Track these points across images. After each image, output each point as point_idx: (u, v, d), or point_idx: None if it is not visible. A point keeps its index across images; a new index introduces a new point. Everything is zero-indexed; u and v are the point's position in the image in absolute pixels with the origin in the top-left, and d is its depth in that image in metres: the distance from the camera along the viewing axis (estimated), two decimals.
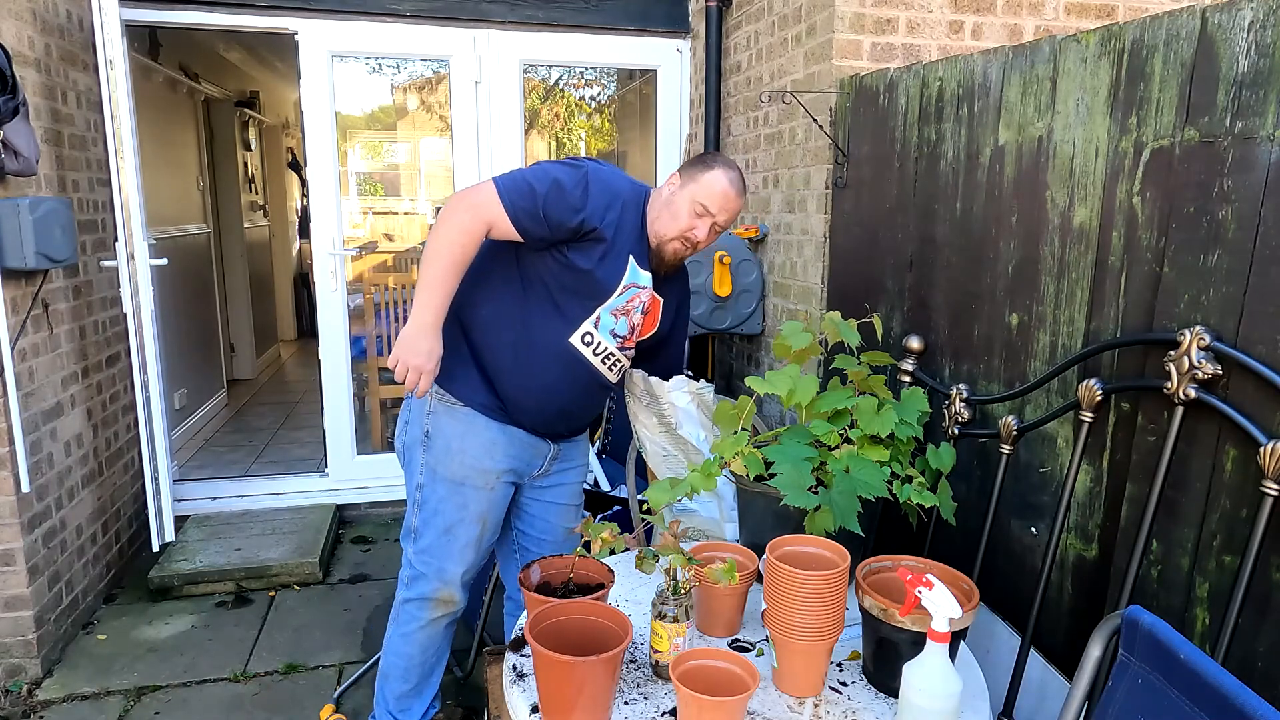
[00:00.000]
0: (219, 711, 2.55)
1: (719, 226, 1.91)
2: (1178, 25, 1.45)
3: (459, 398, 1.96)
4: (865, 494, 1.63)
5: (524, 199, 1.78)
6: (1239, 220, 1.34)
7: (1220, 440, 1.38)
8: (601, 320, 1.91)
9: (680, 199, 1.88)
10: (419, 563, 2.04)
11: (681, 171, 1.92)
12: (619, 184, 1.90)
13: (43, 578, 2.71)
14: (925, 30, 2.66)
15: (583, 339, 1.92)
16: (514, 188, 1.80)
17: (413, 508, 2.04)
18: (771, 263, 3.18)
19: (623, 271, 1.89)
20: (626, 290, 1.91)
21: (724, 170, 1.89)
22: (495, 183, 1.82)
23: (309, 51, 3.58)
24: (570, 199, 1.80)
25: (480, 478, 1.98)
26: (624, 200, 1.88)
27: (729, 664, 1.30)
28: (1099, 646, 1.17)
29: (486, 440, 1.97)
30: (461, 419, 1.96)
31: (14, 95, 2.42)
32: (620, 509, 2.84)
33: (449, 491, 1.98)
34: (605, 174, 1.88)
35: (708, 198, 1.87)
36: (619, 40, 3.93)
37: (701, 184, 1.87)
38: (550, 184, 1.79)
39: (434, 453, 1.98)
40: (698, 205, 1.87)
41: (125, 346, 3.37)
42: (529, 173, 1.83)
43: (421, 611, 2.07)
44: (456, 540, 2.01)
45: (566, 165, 1.86)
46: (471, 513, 2.00)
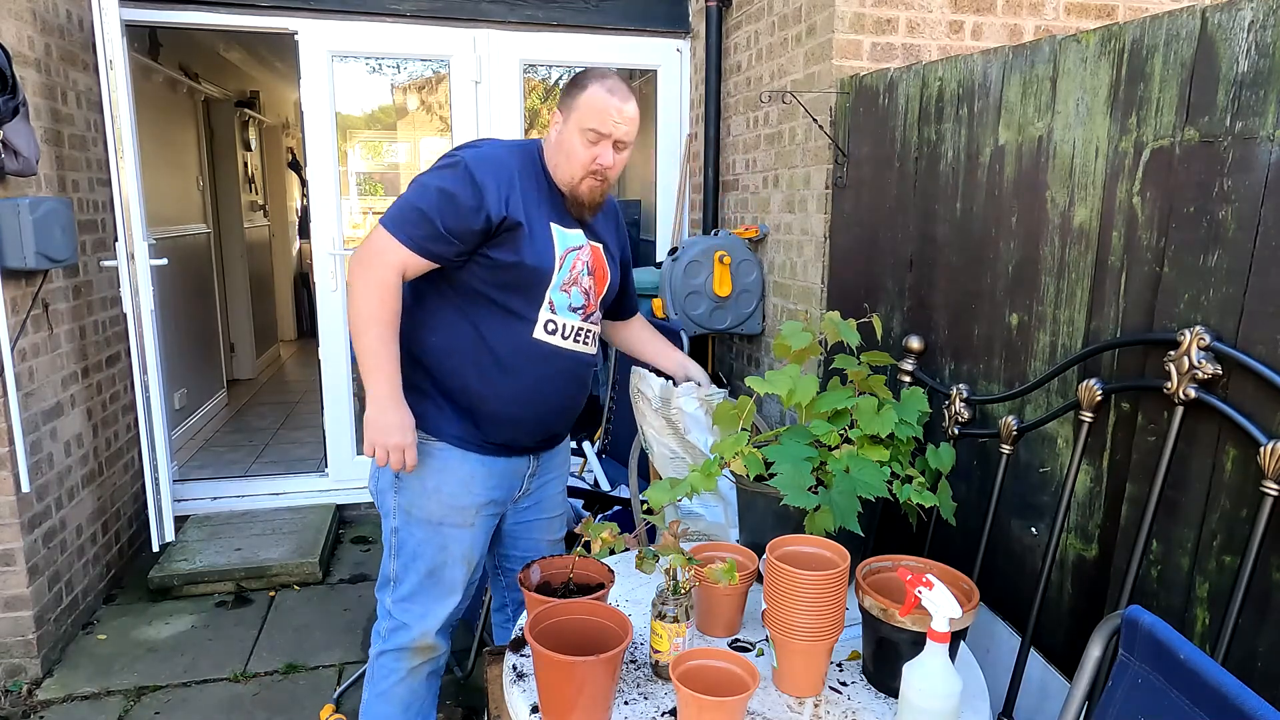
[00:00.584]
0: (219, 711, 2.55)
1: (621, 144, 1.76)
2: (1178, 25, 1.44)
3: (430, 433, 1.82)
4: (865, 494, 1.63)
5: (419, 227, 1.67)
6: (1239, 220, 1.34)
7: (1220, 440, 1.38)
8: (555, 302, 1.80)
9: (568, 135, 1.74)
10: (399, 612, 1.88)
11: (559, 108, 1.76)
12: (503, 157, 1.75)
13: (43, 578, 2.71)
14: (925, 30, 2.66)
15: (546, 329, 1.81)
16: (405, 220, 1.68)
17: (389, 555, 1.88)
18: (771, 263, 3.18)
19: (551, 245, 1.77)
20: (565, 259, 1.79)
21: (598, 83, 1.72)
22: (384, 225, 1.70)
23: (309, 51, 3.58)
24: (464, 203, 1.67)
25: (459, 515, 1.84)
26: (515, 169, 1.75)
27: (729, 664, 1.30)
28: (1099, 646, 1.17)
29: (464, 475, 1.83)
30: (435, 455, 1.82)
31: (14, 95, 2.43)
32: (620, 509, 2.84)
33: (427, 534, 1.84)
34: (485, 154, 1.74)
35: (594, 120, 1.71)
36: (619, 40, 3.93)
37: (581, 108, 1.71)
38: (437, 197, 1.67)
39: (408, 494, 1.84)
40: (588, 133, 1.71)
41: (125, 346, 3.37)
42: (411, 196, 1.71)
43: (399, 663, 1.90)
44: (440, 584, 1.87)
45: (444, 168, 1.72)
46: (454, 554, 1.86)
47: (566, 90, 1.76)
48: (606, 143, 1.74)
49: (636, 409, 2.20)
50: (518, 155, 1.78)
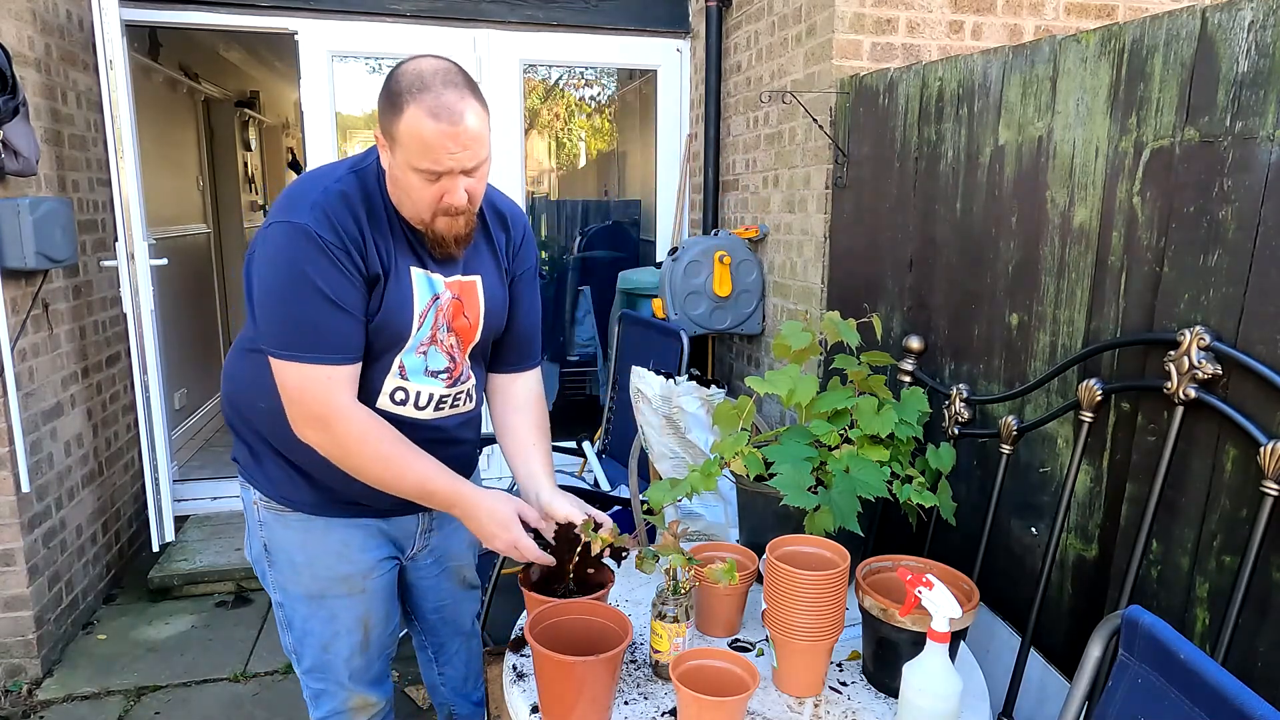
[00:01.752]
0: (219, 711, 2.55)
1: (470, 169, 1.35)
2: (1178, 25, 1.44)
3: (284, 502, 1.54)
4: (865, 494, 1.63)
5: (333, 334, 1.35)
6: (1239, 220, 1.33)
7: (1220, 440, 1.38)
8: (406, 366, 1.47)
9: (399, 170, 1.35)
10: (313, 681, 1.66)
11: (380, 129, 1.35)
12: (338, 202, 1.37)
13: (43, 578, 2.71)
14: (925, 30, 2.66)
15: (394, 398, 1.48)
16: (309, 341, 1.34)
17: (282, 627, 1.65)
18: (771, 263, 3.18)
19: (410, 296, 1.43)
20: (427, 315, 1.46)
21: (416, 104, 1.28)
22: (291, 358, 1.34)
23: (309, 51, 3.58)
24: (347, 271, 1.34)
25: (343, 585, 1.57)
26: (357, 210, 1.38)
27: (729, 664, 1.30)
28: (1099, 646, 1.17)
29: (336, 544, 1.55)
30: (296, 527, 1.55)
31: (14, 95, 2.43)
32: (621, 509, 2.84)
33: (312, 609, 1.59)
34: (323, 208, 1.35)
35: (423, 158, 1.31)
36: (619, 40, 3.93)
37: (405, 143, 1.31)
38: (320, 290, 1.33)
39: (280, 569, 1.59)
40: (422, 171, 1.32)
41: (125, 346, 3.37)
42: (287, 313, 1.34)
43: None
44: (339, 654, 1.62)
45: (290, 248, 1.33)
46: (344, 623, 1.60)
47: (382, 108, 1.33)
48: (451, 177, 1.34)
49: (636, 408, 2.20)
50: (355, 188, 1.40)
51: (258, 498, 1.57)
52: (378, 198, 1.42)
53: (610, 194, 5.83)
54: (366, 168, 1.44)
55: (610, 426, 3.45)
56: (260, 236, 1.39)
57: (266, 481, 1.55)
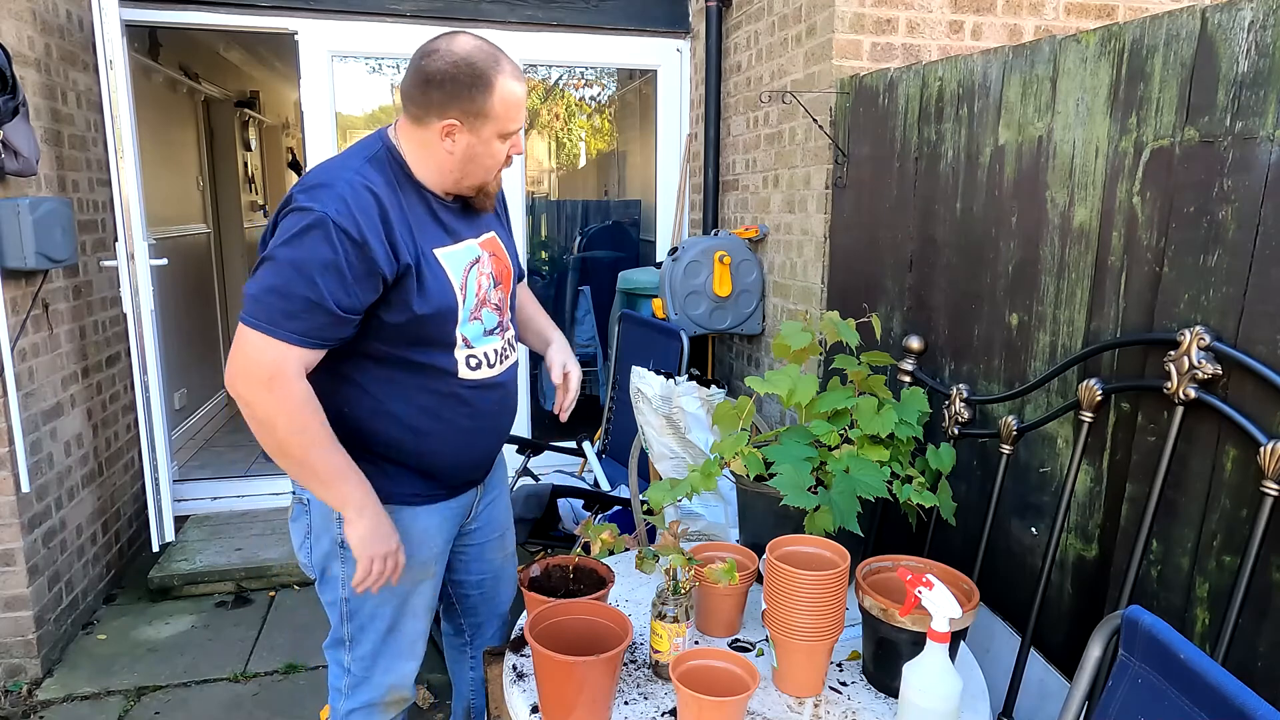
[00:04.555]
0: (219, 711, 2.55)
1: None
2: (1178, 25, 1.45)
3: (382, 497, 1.56)
4: (865, 494, 1.63)
5: (311, 319, 1.36)
6: (1239, 220, 1.34)
7: (1220, 440, 1.38)
8: (468, 336, 1.56)
9: (481, 144, 1.46)
10: (360, 669, 1.68)
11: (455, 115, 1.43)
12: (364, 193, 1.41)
13: (43, 578, 2.71)
14: (925, 30, 2.66)
15: (469, 365, 1.57)
16: (287, 317, 1.35)
17: (341, 619, 1.67)
18: (771, 263, 3.18)
19: (445, 277, 1.50)
20: (467, 282, 1.53)
21: (502, 75, 1.43)
22: (259, 327, 1.35)
23: (309, 51, 3.58)
24: (353, 271, 1.37)
25: (420, 570, 1.66)
26: (384, 201, 1.43)
27: (729, 664, 1.30)
28: (1099, 646, 1.17)
29: (419, 531, 1.64)
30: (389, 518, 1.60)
31: (14, 95, 2.43)
32: (620, 509, 2.84)
33: (385, 596, 1.63)
34: (345, 198, 1.39)
35: (514, 119, 1.47)
36: (619, 40, 3.93)
37: (498, 114, 1.44)
38: (319, 277, 1.35)
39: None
40: (506, 133, 1.48)
41: (125, 346, 3.37)
42: (281, 283, 1.36)
43: (372, 718, 1.71)
44: (404, 637, 1.68)
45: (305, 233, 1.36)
46: (414, 607, 1.68)
47: (465, 93, 1.42)
48: (518, 132, 1.51)
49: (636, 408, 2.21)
50: (379, 179, 1.45)
51: None
52: (395, 186, 1.47)
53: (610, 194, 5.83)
54: (378, 156, 1.48)
55: (610, 426, 3.45)
56: (281, 214, 1.42)
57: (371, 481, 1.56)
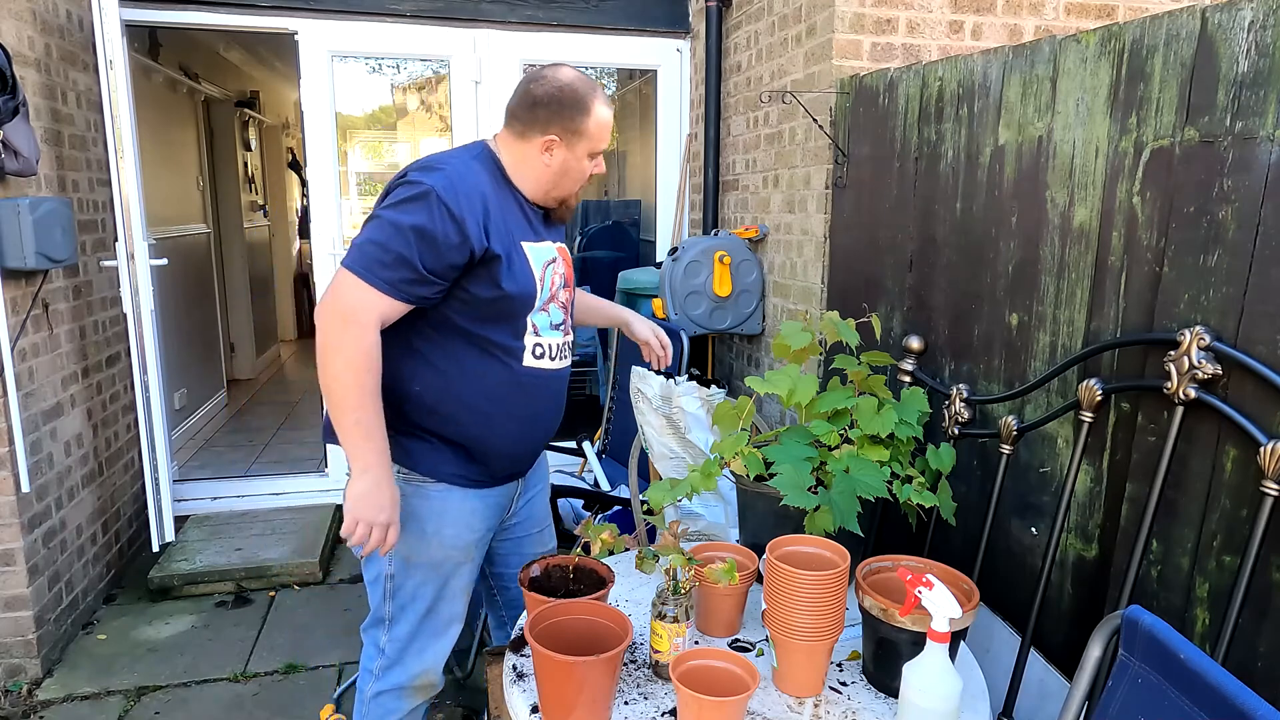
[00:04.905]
0: (219, 711, 2.55)
1: None
2: (1178, 25, 1.45)
3: (428, 474, 1.70)
4: (865, 494, 1.63)
5: (397, 270, 1.50)
6: (1239, 220, 1.34)
7: (1220, 440, 1.38)
8: (537, 324, 1.70)
9: (574, 159, 1.67)
10: (393, 651, 1.78)
11: (555, 131, 1.63)
12: (472, 180, 1.60)
13: (43, 578, 2.71)
14: (925, 30, 2.66)
15: (535, 354, 1.70)
16: (379, 265, 1.51)
17: (383, 598, 1.76)
18: (771, 263, 3.18)
19: (529, 268, 1.66)
20: (544, 279, 1.69)
21: (595, 99, 1.65)
22: (354, 271, 1.51)
23: (309, 51, 3.58)
24: (445, 240, 1.51)
25: (460, 554, 1.75)
26: (488, 192, 1.61)
27: (729, 664, 1.30)
28: (1099, 646, 1.17)
29: (465, 513, 1.73)
30: (434, 498, 1.71)
31: (14, 95, 2.43)
32: (620, 509, 2.84)
33: (427, 575, 1.74)
34: (454, 179, 1.56)
35: (603, 140, 1.68)
36: (619, 40, 3.93)
37: (592, 134, 1.66)
38: (413, 237, 1.50)
39: (407, 540, 1.70)
40: (595, 154, 1.70)
41: (125, 346, 3.37)
42: (381, 237, 1.52)
43: (399, 702, 1.80)
44: (438, 621, 1.78)
45: (411, 201, 1.52)
46: (453, 589, 1.78)
47: (564, 114, 1.63)
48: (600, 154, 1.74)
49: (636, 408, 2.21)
50: (484, 174, 1.64)
51: (396, 470, 1.65)
52: (499, 180, 1.67)
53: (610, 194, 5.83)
54: (483, 156, 1.68)
55: (610, 426, 3.45)
56: (394, 185, 1.58)
57: (411, 455, 1.69)
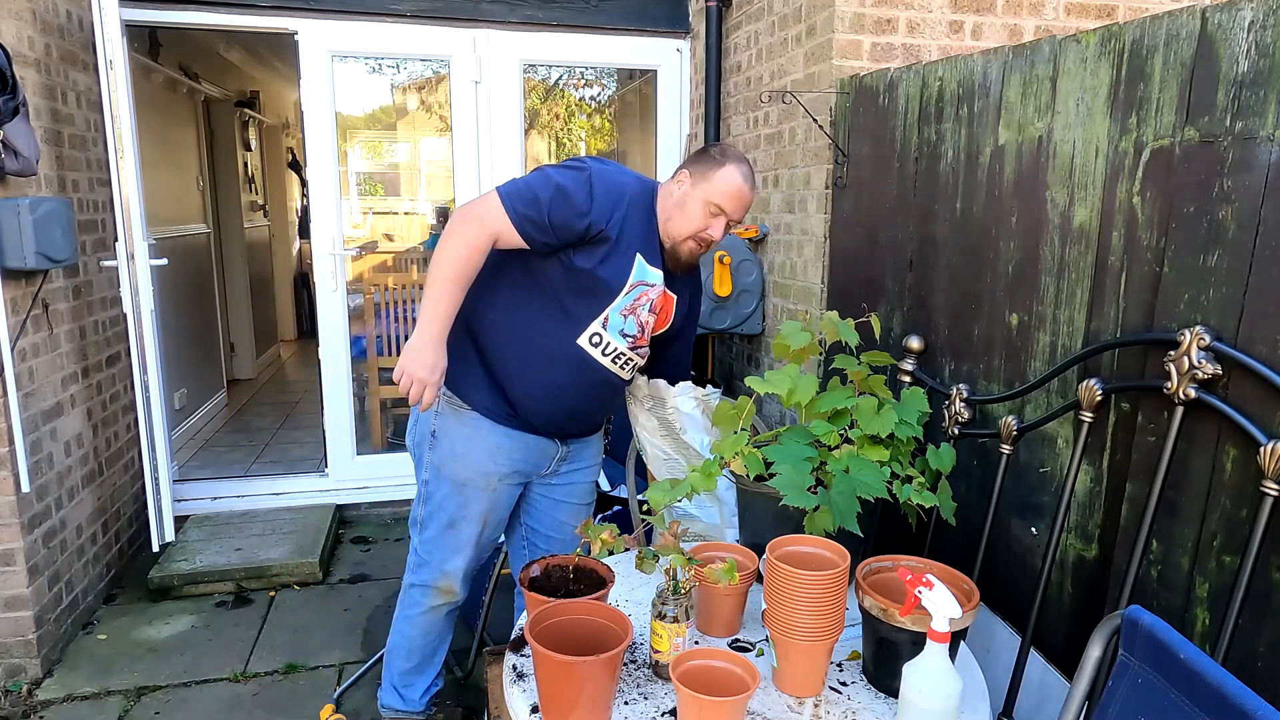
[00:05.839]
0: (219, 711, 2.55)
1: (733, 222, 1.90)
2: (1178, 25, 1.45)
3: (466, 401, 1.97)
4: (865, 494, 1.63)
5: (529, 208, 1.77)
6: (1239, 220, 1.34)
7: (1220, 440, 1.38)
8: (610, 320, 1.89)
9: (693, 199, 1.86)
10: (423, 551, 2.11)
11: (690, 169, 1.89)
12: (624, 181, 1.87)
13: (43, 578, 2.71)
14: (925, 30, 2.66)
15: (590, 340, 1.90)
16: (518, 197, 1.78)
17: (419, 501, 2.09)
18: (771, 263, 3.18)
19: (629, 270, 1.87)
20: (634, 289, 1.88)
21: (736, 166, 1.85)
22: (499, 193, 1.80)
23: (309, 51, 3.58)
24: (575, 204, 1.78)
25: (482, 480, 2.01)
26: (630, 197, 1.85)
27: (729, 664, 1.30)
28: (1099, 646, 1.17)
29: (491, 444, 1.98)
30: (467, 423, 1.98)
31: (14, 95, 2.42)
32: (620, 509, 2.84)
33: (452, 490, 2.02)
34: (610, 174, 1.85)
35: (723, 198, 1.84)
36: (619, 40, 3.93)
37: (715, 183, 1.84)
38: (554, 191, 1.77)
39: (439, 453, 2.01)
40: (712, 205, 1.84)
41: (125, 346, 3.37)
42: (532, 179, 1.81)
43: (424, 598, 2.14)
44: (458, 535, 2.06)
45: (569, 169, 1.83)
46: (473, 512, 2.04)
47: (703, 158, 1.88)
48: (722, 219, 1.86)
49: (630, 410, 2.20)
50: (637, 186, 1.89)
51: (444, 392, 1.96)
52: (648, 203, 1.90)
53: None
54: (650, 183, 1.95)
55: (609, 427, 3.45)
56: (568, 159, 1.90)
57: (459, 380, 1.95)
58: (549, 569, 1.60)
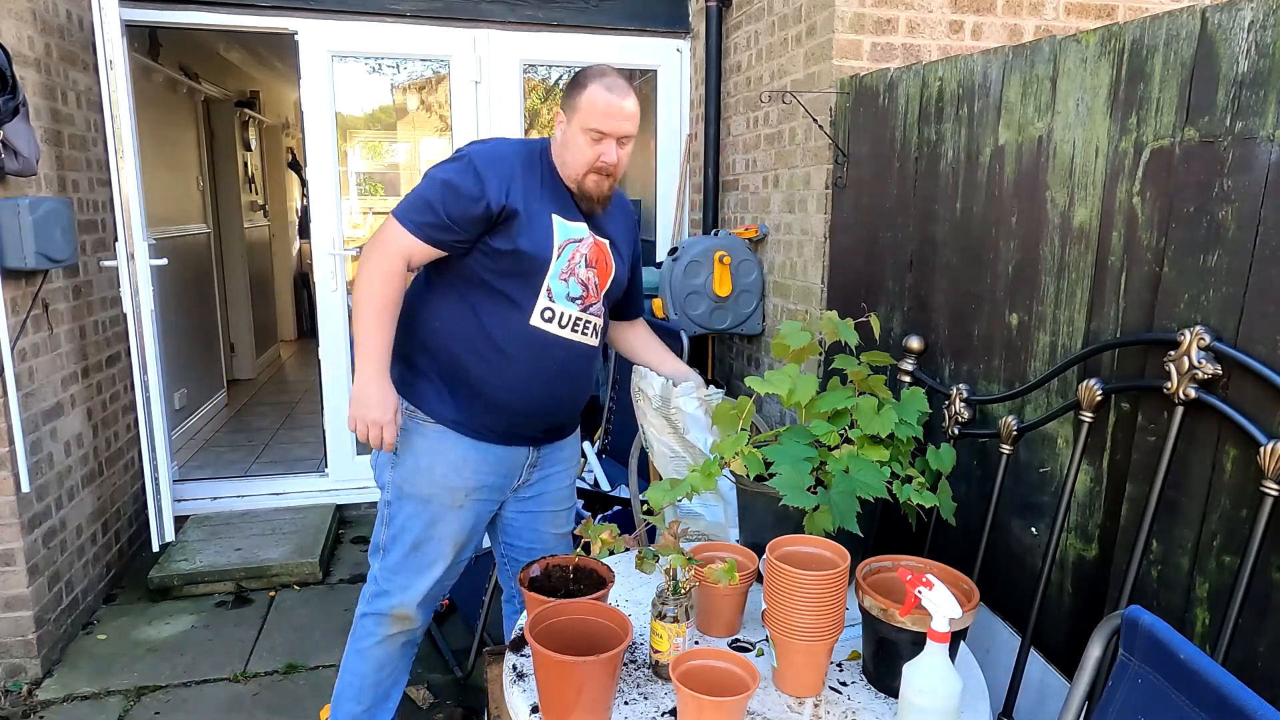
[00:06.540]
0: (219, 711, 2.55)
1: (624, 140, 1.83)
2: (1178, 25, 1.45)
3: (428, 414, 1.90)
4: (865, 494, 1.63)
5: (424, 215, 1.76)
6: (1239, 220, 1.34)
7: (1220, 440, 1.38)
8: (553, 290, 1.85)
9: (572, 134, 1.81)
10: (383, 579, 1.99)
11: (562, 108, 1.84)
12: (506, 151, 1.84)
13: (43, 578, 2.71)
14: (925, 30, 2.66)
15: (543, 316, 1.86)
16: (412, 210, 1.78)
17: (381, 523, 1.99)
18: (771, 263, 3.18)
19: (550, 234, 1.84)
20: (564, 250, 1.85)
21: (596, 83, 1.78)
22: (394, 215, 1.79)
23: (309, 51, 3.58)
24: (466, 192, 1.76)
25: (449, 495, 1.92)
26: (520, 163, 1.83)
27: (729, 664, 1.30)
28: (1099, 646, 1.17)
29: (456, 457, 1.90)
30: (431, 436, 1.90)
31: (14, 95, 2.43)
32: (621, 509, 2.84)
33: (416, 509, 1.93)
34: (489, 149, 1.83)
35: (596, 119, 1.77)
36: (619, 40, 3.93)
37: (582, 110, 1.78)
38: (441, 189, 1.76)
39: (402, 470, 1.92)
40: (591, 132, 1.78)
41: (125, 346, 3.37)
42: (420, 187, 1.80)
43: (378, 627, 2.01)
44: (423, 557, 1.95)
45: (450, 161, 1.82)
46: (440, 531, 1.94)
47: (568, 90, 1.84)
48: (609, 140, 1.80)
49: (637, 407, 2.20)
50: (522, 150, 1.87)
51: (404, 406, 1.89)
52: (537, 161, 1.86)
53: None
54: (537, 142, 1.91)
55: (610, 426, 3.45)
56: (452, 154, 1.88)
57: (418, 395, 1.90)
58: (549, 569, 1.60)
